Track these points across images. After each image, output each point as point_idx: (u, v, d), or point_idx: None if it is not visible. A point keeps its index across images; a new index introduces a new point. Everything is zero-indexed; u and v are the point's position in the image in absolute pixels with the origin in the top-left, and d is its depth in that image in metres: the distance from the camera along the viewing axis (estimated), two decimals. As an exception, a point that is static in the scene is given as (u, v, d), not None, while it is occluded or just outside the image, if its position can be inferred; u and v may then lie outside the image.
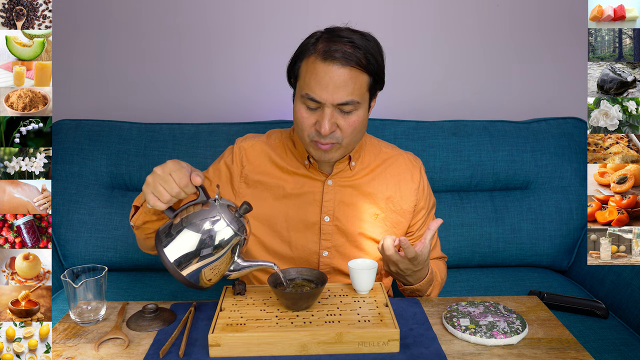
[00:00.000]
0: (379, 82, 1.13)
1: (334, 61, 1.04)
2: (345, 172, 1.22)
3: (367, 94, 1.11)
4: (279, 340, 0.90)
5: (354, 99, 1.06)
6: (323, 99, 1.06)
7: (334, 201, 1.20)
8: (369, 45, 1.09)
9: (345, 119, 1.08)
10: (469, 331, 0.94)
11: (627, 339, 1.31)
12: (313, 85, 1.06)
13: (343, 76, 1.05)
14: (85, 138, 1.71)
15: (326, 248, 1.21)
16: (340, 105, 1.06)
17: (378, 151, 1.27)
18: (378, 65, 1.10)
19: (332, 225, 1.21)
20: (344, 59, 1.04)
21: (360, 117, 1.10)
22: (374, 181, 1.23)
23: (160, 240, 0.95)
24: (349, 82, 1.05)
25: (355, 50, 1.06)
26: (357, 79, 1.06)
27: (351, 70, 1.05)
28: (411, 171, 1.27)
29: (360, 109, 1.10)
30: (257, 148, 1.24)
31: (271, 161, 1.23)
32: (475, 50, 1.93)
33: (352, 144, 1.14)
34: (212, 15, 1.88)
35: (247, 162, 1.23)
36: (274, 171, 1.22)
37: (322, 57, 1.05)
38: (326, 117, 1.07)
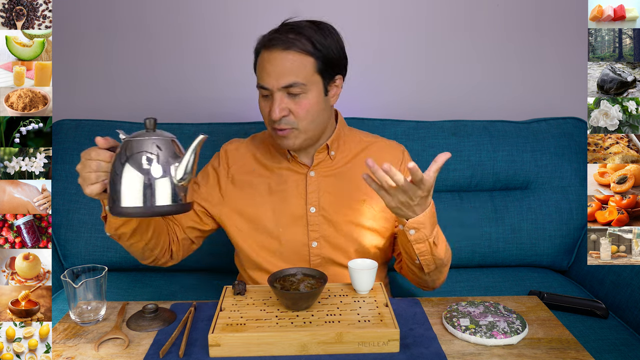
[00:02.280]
0: (331, 66, 1.15)
1: (275, 47, 1.10)
2: (326, 162, 1.24)
3: (317, 77, 1.13)
4: (279, 340, 0.90)
5: (298, 80, 1.10)
6: (270, 85, 1.11)
7: (318, 192, 1.22)
8: (316, 31, 1.13)
9: (296, 102, 1.12)
10: (469, 331, 0.94)
11: (627, 339, 1.31)
12: (260, 74, 1.13)
13: (284, 60, 1.10)
14: (85, 138, 1.71)
15: (315, 239, 1.22)
16: (286, 89, 1.10)
17: (358, 140, 1.30)
18: (327, 49, 1.13)
19: (318, 216, 1.22)
20: (285, 43, 1.10)
21: (312, 100, 1.13)
22: (356, 167, 1.25)
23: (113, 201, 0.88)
24: (291, 65, 1.10)
25: (297, 36, 1.11)
26: (300, 61, 1.10)
27: (293, 54, 1.10)
28: (392, 153, 1.29)
29: (311, 92, 1.12)
30: (241, 149, 1.29)
31: (256, 159, 1.27)
32: (476, 50, 1.93)
33: (312, 129, 1.16)
34: (212, 15, 1.88)
35: (233, 162, 1.27)
36: (259, 169, 1.26)
37: (266, 46, 1.12)
38: (275, 102, 1.11)
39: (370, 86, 1.95)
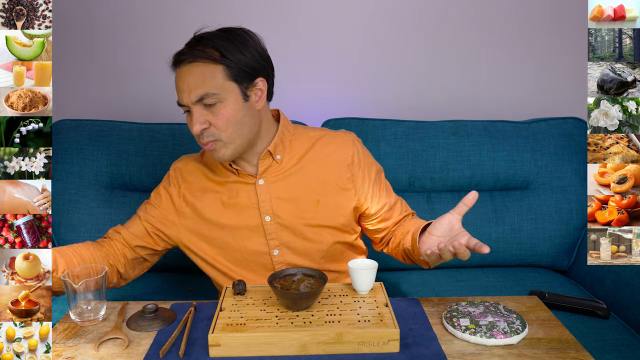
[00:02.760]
0: (246, 71, 1.11)
1: (181, 63, 1.10)
2: (273, 167, 1.21)
3: (231, 84, 1.10)
4: (279, 340, 0.90)
5: (209, 91, 1.08)
6: (184, 101, 1.10)
7: (270, 199, 1.20)
8: (224, 38, 1.10)
9: (214, 113, 1.10)
10: (469, 331, 0.94)
11: (628, 339, 1.31)
12: (177, 92, 1.11)
13: (192, 73, 1.08)
14: (85, 138, 1.71)
15: (275, 247, 1.21)
16: (200, 101, 1.09)
17: (305, 137, 1.25)
18: (237, 54, 1.10)
19: (274, 224, 1.20)
20: (189, 57, 1.08)
21: (230, 109, 1.10)
22: (306, 168, 1.22)
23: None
24: (199, 77, 1.08)
25: (204, 46, 1.09)
26: (208, 71, 1.08)
27: (198, 65, 1.08)
28: (341, 147, 1.24)
29: (227, 100, 1.10)
30: (190, 166, 1.27)
31: (205, 176, 1.24)
32: (476, 50, 1.93)
33: (237, 137, 1.13)
34: (212, 15, 1.88)
35: (183, 181, 1.25)
36: (210, 185, 1.23)
37: (175, 64, 1.12)
38: (194, 117, 1.10)
39: (370, 86, 1.95)
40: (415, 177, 1.72)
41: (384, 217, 1.27)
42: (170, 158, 1.69)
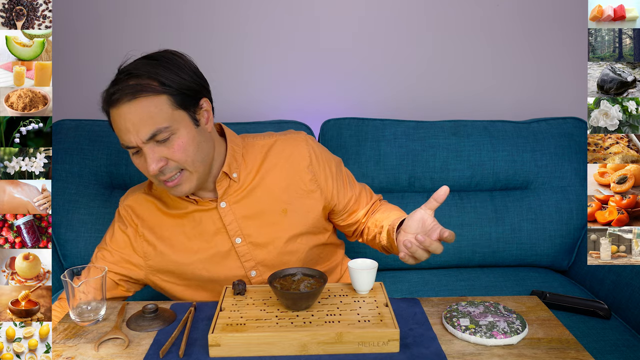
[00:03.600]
0: (190, 95, 1.05)
1: (119, 102, 1.00)
2: (232, 187, 1.15)
3: (179, 112, 1.03)
4: (279, 340, 0.90)
5: (159, 126, 1.00)
6: (133, 143, 1.01)
7: (237, 220, 1.15)
8: (152, 65, 1.02)
9: (168, 147, 1.02)
10: (469, 331, 0.94)
11: (629, 339, 1.31)
12: (118, 134, 1.03)
13: (136, 111, 0.99)
14: (85, 138, 1.71)
15: (251, 268, 1.17)
16: (152, 139, 1.01)
17: (256, 148, 1.20)
18: (176, 80, 1.03)
19: (246, 244, 1.16)
20: (126, 95, 0.99)
21: (184, 138, 1.03)
22: (266, 178, 1.17)
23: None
24: (145, 113, 0.99)
25: (136, 79, 1.00)
26: (153, 105, 1.00)
27: (139, 101, 0.99)
28: (297, 149, 1.19)
29: (179, 130, 1.03)
30: (141, 202, 1.18)
31: (160, 211, 1.17)
32: (475, 51, 1.93)
33: (200, 165, 1.07)
34: (212, 15, 1.88)
35: (138, 219, 1.17)
36: (167, 220, 1.16)
37: (110, 105, 1.02)
38: (148, 157, 1.01)
39: (370, 86, 1.95)
40: (415, 177, 1.72)
41: (352, 209, 1.25)
42: (170, 158, 1.69)
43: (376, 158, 1.71)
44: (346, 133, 1.72)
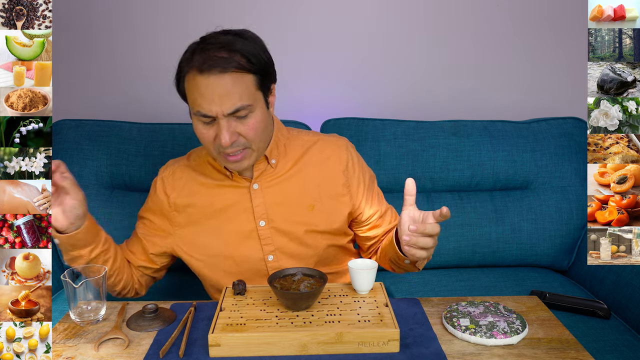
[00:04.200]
0: (268, 77, 1.09)
1: (211, 71, 1.01)
2: (268, 171, 1.19)
3: (259, 93, 1.07)
4: (279, 340, 0.90)
5: (244, 103, 1.03)
6: (213, 112, 1.03)
7: (265, 204, 1.18)
8: (246, 44, 1.05)
9: (243, 124, 1.06)
10: (469, 331, 0.94)
11: (629, 339, 1.31)
12: (200, 101, 1.03)
13: (225, 84, 1.01)
14: (85, 138, 1.71)
15: (270, 252, 1.19)
16: (233, 113, 1.04)
17: (299, 142, 1.24)
18: (261, 61, 1.06)
19: (269, 229, 1.18)
20: (221, 66, 1.01)
21: (258, 118, 1.07)
22: (300, 173, 1.21)
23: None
24: (234, 88, 1.02)
25: (232, 54, 1.02)
26: (242, 82, 1.03)
27: (232, 75, 1.02)
28: (336, 152, 1.23)
29: (256, 110, 1.07)
30: (178, 173, 1.23)
31: (195, 181, 1.21)
32: (475, 50, 1.93)
33: (262, 146, 1.12)
34: (212, 15, 1.88)
35: (172, 189, 1.22)
36: (200, 190, 1.20)
37: (199, 70, 1.02)
38: (223, 129, 1.04)
39: (370, 86, 1.95)
40: (415, 177, 1.72)
41: (374, 224, 1.27)
42: (170, 158, 1.69)
43: (376, 158, 1.71)
44: (346, 133, 1.72)
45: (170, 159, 1.70)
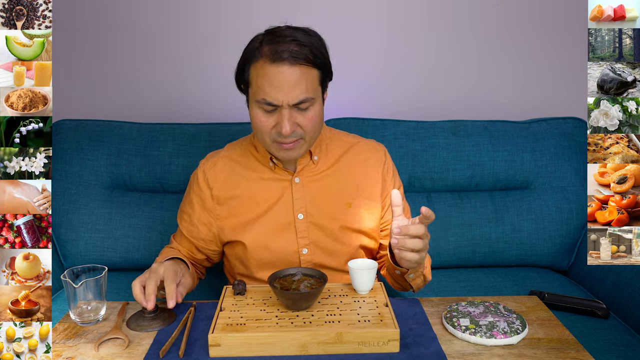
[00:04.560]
0: (328, 74, 1.15)
1: (283, 61, 1.05)
2: (310, 167, 1.23)
3: (319, 88, 1.12)
4: (279, 340, 0.90)
5: (309, 95, 1.08)
6: (279, 101, 1.07)
7: (305, 198, 1.21)
8: (313, 40, 1.09)
9: (303, 115, 1.10)
10: (469, 331, 0.94)
11: (628, 339, 1.31)
12: (267, 89, 1.07)
13: (294, 75, 1.06)
14: (85, 138, 1.71)
15: (305, 245, 1.22)
16: (297, 105, 1.08)
17: (339, 141, 1.28)
18: (324, 58, 1.11)
19: (306, 222, 1.21)
20: (292, 57, 1.05)
21: (316, 111, 1.12)
22: (340, 171, 1.24)
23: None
24: (301, 80, 1.07)
25: (301, 48, 1.07)
26: (308, 75, 1.08)
27: (301, 67, 1.06)
28: (375, 155, 1.28)
29: (316, 103, 1.11)
30: (219, 165, 1.26)
31: (237, 173, 1.24)
32: (475, 50, 1.93)
33: (314, 138, 1.16)
34: (211, 15, 1.88)
35: (214, 182, 1.24)
36: (242, 182, 1.23)
37: (270, 60, 1.06)
38: (285, 117, 1.08)
39: (370, 86, 1.95)
40: (415, 177, 1.72)
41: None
42: (170, 158, 1.69)
43: (376, 158, 1.71)
44: (346, 133, 1.72)
45: (170, 158, 1.71)
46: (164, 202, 1.70)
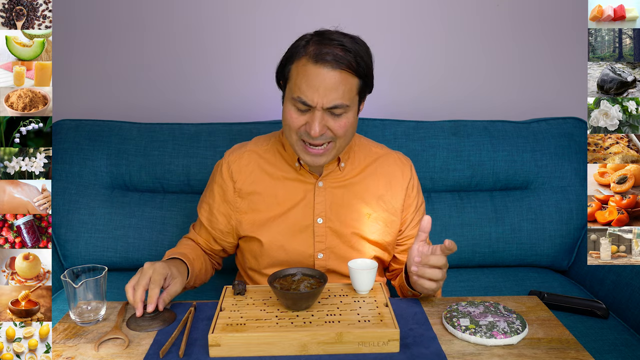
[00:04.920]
0: (369, 85, 1.14)
1: (325, 64, 1.05)
2: (335, 173, 1.22)
3: (357, 97, 1.11)
4: (279, 340, 0.90)
5: (344, 102, 1.07)
6: (314, 102, 1.06)
7: (326, 203, 1.21)
8: (359, 49, 1.08)
9: (335, 121, 1.09)
10: (469, 331, 0.94)
11: (628, 339, 1.32)
12: (304, 88, 1.06)
13: (334, 79, 1.05)
14: (85, 138, 1.71)
15: (321, 250, 1.21)
16: (331, 109, 1.07)
17: (368, 151, 1.28)
18: (368, 68, 1.10)
19: (325, 227, 1.21)
20: (335, 61, 1.05)
21: (349, 120, 1.10)
22: (365, 181, 1.24)
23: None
24: (340, 85, 1.06)
25: (346, 54, 1.06)
26: (347, 82, 1.07)
27: (342, 73, 1.06)
28: (402, 169, 1.27)
29: (350, 111, 1.10)
30: (245, 159, 1.25)
31: (261, 169, 1.23)
32: (475, 50, 1.93)
33: (343, 146, 1.15)
34: (212, 15, 1.88)
35: (238, 175, 1.23)
36: (266, 179, 1.23)
37: (313, 60, 1.06)
38: (316, 119, 1.07)
39: (370, 86, 1.95)
40: (415, 177, 1.72)
41: (408, 246, 1.28)
42: (170, 158, 1.69)
43: (376, 158, 1.71)
44: (346, 133, 1.72)
45: (170, 158, 1.71)
46: (164, 202, 1.70)
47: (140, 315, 1.00)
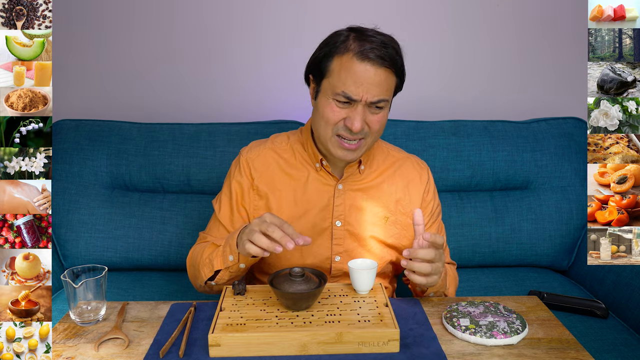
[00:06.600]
0: (400, 85, 1.16)
1: (370, 61, 1.07)
2: (355, 175, 1.22)
3: (391, 95, 1.14)
4: (279, 340, 0.90)
5: (386, 98, 1.10)
6: (359, 96, 1.08)
7: (345, 205, 1.20)
8: (397, 48, 1.12)
9: (374, 116, 1.11)
10: (469, 331, 0.94)
11: (627, 339, 1.32)
12: (349, 83, 1.07)
13: (379, 76, 1.07)
14: (85, 138, 1.71)
15: (338, 253, 1.20)
16: (373, 104, 1.09)
17: (386, 154, 1.28)
18: (403, 68, 1.14)
19: (343, 230, 1.20)
20: (379, 59, 1.07)
21: (385, 115, 1.13)
22: (383, 184, 1.24)
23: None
24: (383, 81, 1.08)
25: (388, 51, 1.08)
26: (389, 79, 1.10)
27: (385, 70, 1.08)
28: (420, 173, 1.28)
29: (387, 107, 1.13)
30: (263, 156, 1.23)
31: (280, 169, 1.22)
32: (475, 51, 1.93)
33: (371, 144, 1.16)
34: (212, 15, 1.89)
35: (256, 172, 1.22)
36: (284, 179, 1.21)
37: (358, 56, 1.07)
38: (359, 114, 1.09)
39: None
40: (415, 177, 1.72)
41: None
42: (170, 158, 1.69)
43: (376, 158, 1.71)
44: (346, 133, 1.72)
45: (170, 158, 1.71)
46: (164, 202, 1.70)
47: (293, 247, 0.93)
